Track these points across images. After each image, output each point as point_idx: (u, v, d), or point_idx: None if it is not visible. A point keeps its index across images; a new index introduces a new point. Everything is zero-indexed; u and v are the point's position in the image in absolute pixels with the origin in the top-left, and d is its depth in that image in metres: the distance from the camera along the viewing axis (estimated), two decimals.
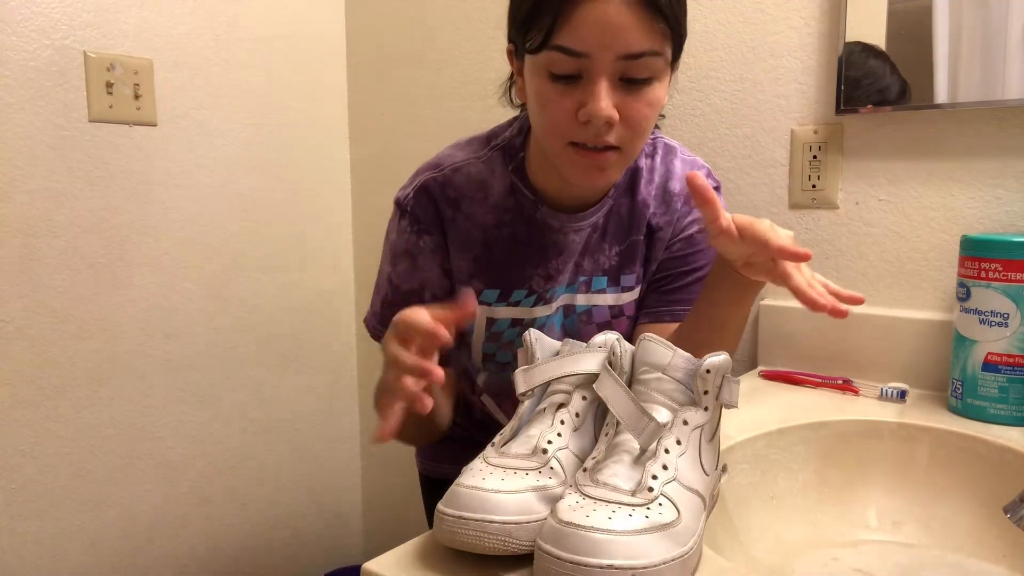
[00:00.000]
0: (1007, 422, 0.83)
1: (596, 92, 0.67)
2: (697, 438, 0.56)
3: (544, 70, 0.69)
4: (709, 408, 0.57)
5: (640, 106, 0.69)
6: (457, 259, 0.84)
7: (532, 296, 0.84)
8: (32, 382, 1.19)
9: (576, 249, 0.84)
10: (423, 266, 0.84)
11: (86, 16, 1.21)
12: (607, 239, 0.85)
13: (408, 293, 0.84)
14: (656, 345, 0.58)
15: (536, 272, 0.83)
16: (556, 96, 0.69)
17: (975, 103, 0.94)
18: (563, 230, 0.82)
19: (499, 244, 0.83)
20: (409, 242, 0.83)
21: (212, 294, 1.42)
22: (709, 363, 0.56)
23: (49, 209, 1.19)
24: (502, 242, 0.83)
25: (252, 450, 1.52)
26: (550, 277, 0.84)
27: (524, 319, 0.85)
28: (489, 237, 0.83)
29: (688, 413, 0.56)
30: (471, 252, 0.83)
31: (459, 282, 0.84)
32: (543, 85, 0.69)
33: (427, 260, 0.83)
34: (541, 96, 0.70)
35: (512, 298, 0.84)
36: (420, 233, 0.82)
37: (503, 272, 0.83)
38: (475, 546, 0.51)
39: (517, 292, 0.84)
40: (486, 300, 0.84)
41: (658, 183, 0.86)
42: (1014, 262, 0.82)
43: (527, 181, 0.82)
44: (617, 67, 0.67)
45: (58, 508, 1.24)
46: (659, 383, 0.57)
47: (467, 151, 0.84)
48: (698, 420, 0.56)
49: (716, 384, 0.57)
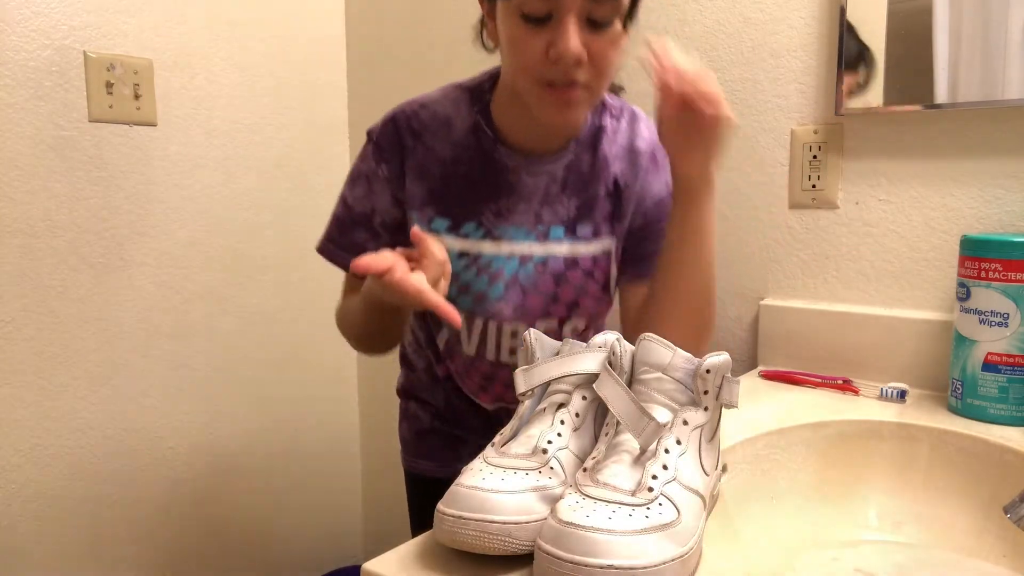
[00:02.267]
0: (1007, 422, 0.83)
1: (565, 31, 0.71)
2: (697, 438, 0.56)
3: (516, 12, 0.73)
4: (709, 408, 0.57)
5: (605, 45, 0.74)
6: (412, 187, 0.88)
7: (481, 230, 0.87)
8: (32, 382, 1.19)
9: (529, 194, 0.87)
10: (377, 192, 0.89)
11: (86, 16, 1.21)
12: (566, 191, 0.88)
13: (360, 216, 0.90)
14: (656, 345, 0.58)
15: (487, 207, 0.87)
16: (527, 36, 0.73)
17: (975, 103, 0.94)
18: (518, 171, 0.87)
19: (455, 178, 0.87)
20: (369, 168, 0.89)
21: (212, 294, 1.42)
22: (709, 363, 0.56)
23: (49, 209, 1.19)
24: (458, 177, 0.87)
25: (252, 450, 1.52)
26: (500, 215, 0.87)
27: (471, 252, 0.87)
28: (447, 171, 0.87)
29: (688, 413, 0.56)
30: (427, 183, 0.87)
31: (412, 208, 0.88)
32: (515, 26, 0.74)
33: (381, 187, 0.88)
34: (513, 37, 0.75)
35: (462, 230, 0.87)
36: (380, 161, 0.88)
37: (455, 203, 0.87)
38: (475, 546, 0.51)
39: (467, 224, 0.87)
40: (436, 228, 0.87)
41: (622, 143, 0.89)
42: (1014, 262, 0.82)
43: (490, 121, 0.87)
44: (584, 8, 0.71)
45: (58, 508, 1.24)
46: (659, 383, 0.57)
47: (438, 93, 0.90)
48: (698, 420, 0.56)
49: (716, 384, 0.57)
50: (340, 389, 1.69)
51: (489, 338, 0.90)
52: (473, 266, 0.87)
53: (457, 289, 0.87)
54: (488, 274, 0.87)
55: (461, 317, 0.83)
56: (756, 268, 1.14)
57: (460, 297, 0.88)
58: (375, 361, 1.68)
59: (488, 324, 0.89)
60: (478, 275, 0.87)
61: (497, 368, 0.92)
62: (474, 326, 0.89)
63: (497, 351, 0.91)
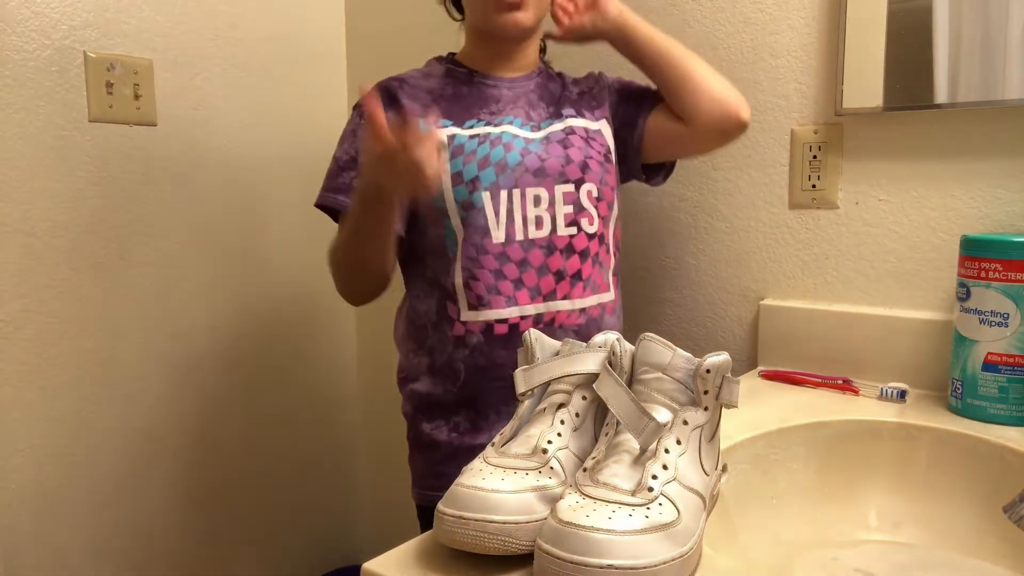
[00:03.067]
0: (1007, 422, 0.83)
1: None
2: (697, 438, 0.56)
3: None
4: (709, 408, 0.57)
5: None
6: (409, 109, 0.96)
7: (483, 122, 0.98)
8: (32, 382, 1.19)
9: (514, 101, 1.01)
10: (361, 138, 0.95)
11: (86, 16, 1.21)
12: (543, 101, 1.03)
13: (349, 161, 0.98)
14: (656, 345, 0.58)
15: (482, 111, 0.99)
16: None
17: (975, 103, 0.94)
18: (498, 87, 1.01)
19: (445, 99, 1.00)
20: (354, 123, 1.00)
21: (212, 294, 1.42)
22: (709, 363, 0.56)
23: (49, 209, 1.19)
24: (447, 97, 1.00)
25: (252, 450, 1.52)
26: (494, 114, 0.99)
27: (480, 134, 0.96)
28: (435, 97, 1.00)
29: (688, 413, 0.56)
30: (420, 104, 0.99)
31: None
32: None
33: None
34: None
35: (465, 125, 0.97)
36: (364, 116, 0.92)
37: (452, 113, 0.98)
38: (475, 546, 0.51)
39: (468, 121, 0.98)
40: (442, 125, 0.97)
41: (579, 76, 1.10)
42: (1014, 262, 0.82)
43: (459, 64, 1.04)
44: None
45: (58, 508, 1.24)
46: (659, 383, 0.57)
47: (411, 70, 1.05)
48: (698, 420, 0.56)
49: (716, 384, 0.57)
50: (340, 389, 1.69)
51: (516, 211, 0.95)
52: (486, 141, 0.95)
53: (478, 164, 0.94)
54: (502, 144, 0.96)
55: (486, 197, 0.93)
56: (756, 268, 1.14)
57: (482, 172, 0.94)
58: (375, 360, 1.68)
59: (512, 195, 0.94)
60: (492, 146, 0.95)
61: (529, 249, 0.95)
62: (500, 201, 0.94)
63: (524, 226, 0.95)
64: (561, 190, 0.96)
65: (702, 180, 1.19)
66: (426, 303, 0.99)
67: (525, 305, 0.95)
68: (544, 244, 0.96)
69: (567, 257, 0.96)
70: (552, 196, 0.96)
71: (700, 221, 1.19)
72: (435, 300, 0.98)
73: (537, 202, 0.95)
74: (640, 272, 1.27)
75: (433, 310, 0.98)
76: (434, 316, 0.98)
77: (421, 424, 1.02)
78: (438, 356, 0.98)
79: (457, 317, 0.96)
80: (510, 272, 0.95)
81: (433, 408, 1.00)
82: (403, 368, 1.05)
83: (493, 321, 0.95)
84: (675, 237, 1.22)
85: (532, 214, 0.95)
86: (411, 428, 1.04)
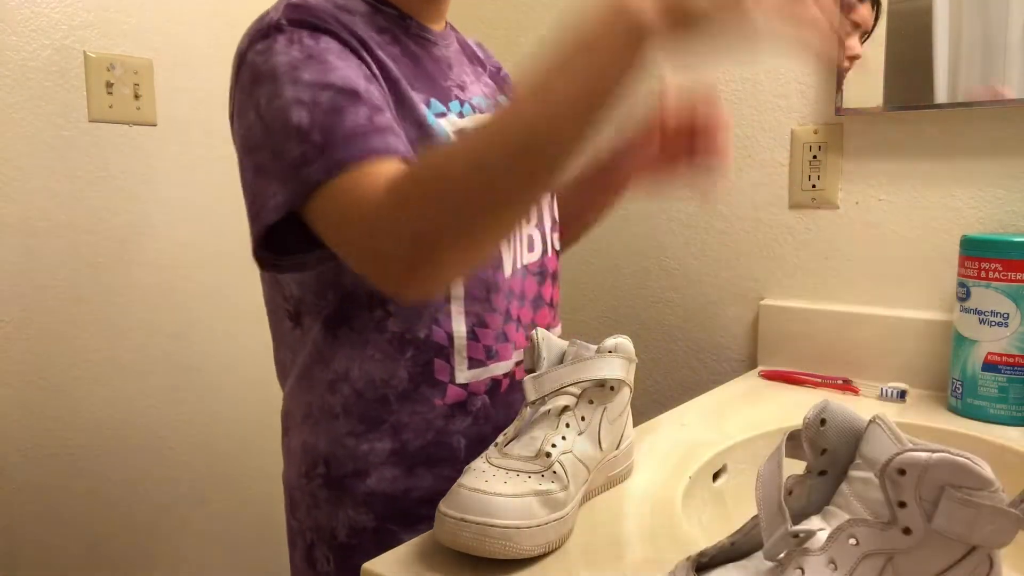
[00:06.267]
0: (1007, 422, 0.84)
1: None
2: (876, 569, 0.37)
3: None
4: (914, 531, 0.36)
5: None
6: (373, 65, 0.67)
7: (466, 105, 0.74)
8: (32, 382, 1.19)
9: (461, 66, 0.79)
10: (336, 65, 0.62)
11: (86, 16, 1.21)
12: (475, 66, 0.83)
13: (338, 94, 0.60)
14: (882, 433, 0.40)
15: (449, 83, 0.74)
16: None
17: (975, 103, 0.94)
18: (438, 43, 0.76)
19: (399, 60, 0.70)
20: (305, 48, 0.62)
21: (212, 294, 1.42)
22: (905, 459, 0.37)
23: (49, 209, 1.19)
24: (399, 57, 0.70)
25: (253, 450, 1.52)
26: (463, 88, 0.76)
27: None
28: (386, 53, 0.69)
29: (861, 529, 0.38)
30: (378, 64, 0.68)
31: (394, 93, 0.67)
32: None
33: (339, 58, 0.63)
34: None
35: (451, 110, 0.72)
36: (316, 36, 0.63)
37: (424, 85, 0.71)
38: (475, 548, 0.51)
39: (452, 104, 0.72)
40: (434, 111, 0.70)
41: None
42: (1014, 262, 0.83)
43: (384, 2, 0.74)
44: None
45: (58, 508, 1.24)
46: (866, 488, 0.39)
47: None
48: (879, 544, 0.37)
49: (921, 494, 0.36)
50: None
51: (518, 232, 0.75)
52: None
53: None
54: None
55: None
56: (756, 268, 1.14)
57: None
58: None
59: None
60: None
61: (525, 278, 0.76)
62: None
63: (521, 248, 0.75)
64: (544, 200, 0.78)
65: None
66: (386, 367, 0.69)
67: (522, 348, 0.75)
68: (536, 270, 0.77)
69: (552, 282, 0.80)
70: (540, 208, 0.78)
71: (700, 221, 1.19)
72: (405, 362, 0.69)
73: (530, 218, 0.76)
74: (640, 272, 1.27)
75: (402, 375, 0.69)
76: (404, 384, 0.69)
77: (399, 537, 0.69)
78: (414, 436, 0.70)
79: (450, 380, 0.70)
80: (513, 310, 0.74)
81: (415, 508, 0.71)
82: (330, 460, 0.72)
83: (501, 377, 0.73)
84: (675, 237, 1.22)
85: (526, 232, 0.75)
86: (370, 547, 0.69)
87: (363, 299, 0.69)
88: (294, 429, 0.77)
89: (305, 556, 0.75)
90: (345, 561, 0.71)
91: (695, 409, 0.91)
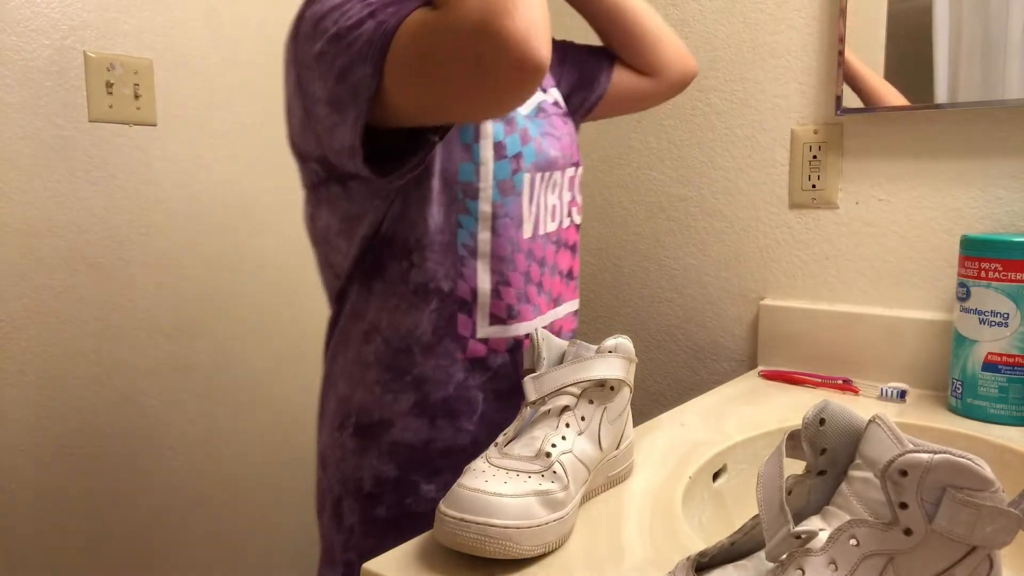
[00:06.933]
0: (1007, 422, 0.84)
1: None
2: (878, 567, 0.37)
3: None
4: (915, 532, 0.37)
5: None
6: None
7: None
8: (32, 382, 1.19)
9: None
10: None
11: (86, 16, 1.21)
12: None
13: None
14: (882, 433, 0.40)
15: None
16: None
17: (975, 103, 0.94)
18: None
19: None
20: None
21: (212, 294, 1.42)
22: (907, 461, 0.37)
23: (49, 209, 1.19)
24: None
25: (252, 450, 1.52)
26: None
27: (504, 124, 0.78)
28: None
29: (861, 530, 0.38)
30: None
31: None
32: None
33: None
34: None
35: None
36: None
37: None
38: (475, 549, 0.51)
39: None
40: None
41: None
42: (1014, 262, 0.83)
43: None
44: None
45: (58, 508, 1.24)
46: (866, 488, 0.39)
47: None
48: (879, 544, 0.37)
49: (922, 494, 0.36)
50: None
51: (541, 198, 0.79)
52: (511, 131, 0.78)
53: (520, 137, 0.77)
54: (526, 115, 0.80)
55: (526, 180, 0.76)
56: (756, 268, 1.14)
57: (525, 147, 0.77)
58: None
59: (537, 178, 0.78)
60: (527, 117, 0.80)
61: (546, 246, 0.80)
62: (534, 187, 0.78)
63: (544, 216, 0.80)
64: (568, 174, 0.83)
65: (702, 180, 1.19)
66: (410, 317, 0.74)
67: (544, 314, 0.81)
68: (555, 239, 0.82)
69: (571, 254, 0.86)
70: (562, 181, 0.83)
71: (700, 221, 1.19)
72: (430, 312, 0.74)
73: (554, 188, 0.81)
74: (640, 272, 1.27)
75: (426, 327, 0.74)
76: (428, 335, 0.74)
77: (419, 488, 0.75)
78: (436, 388, 0.75)
79: (471, 335, 0.75)
80: (534, 274, 0.79)
81: (435, 459, 0.75)
82: (361, 409, 0.77)
83: (523, 337, 0.77)
84: (675, 237, 1.22)
85: (550, 202, 0.81)
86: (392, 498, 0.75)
87: (395, 248, 0.74)
88: (331, 390, 0.82)
89: (333, 513, 0.80)
90: (368, 512, 0.76)
91: (695, 409, 0.91)
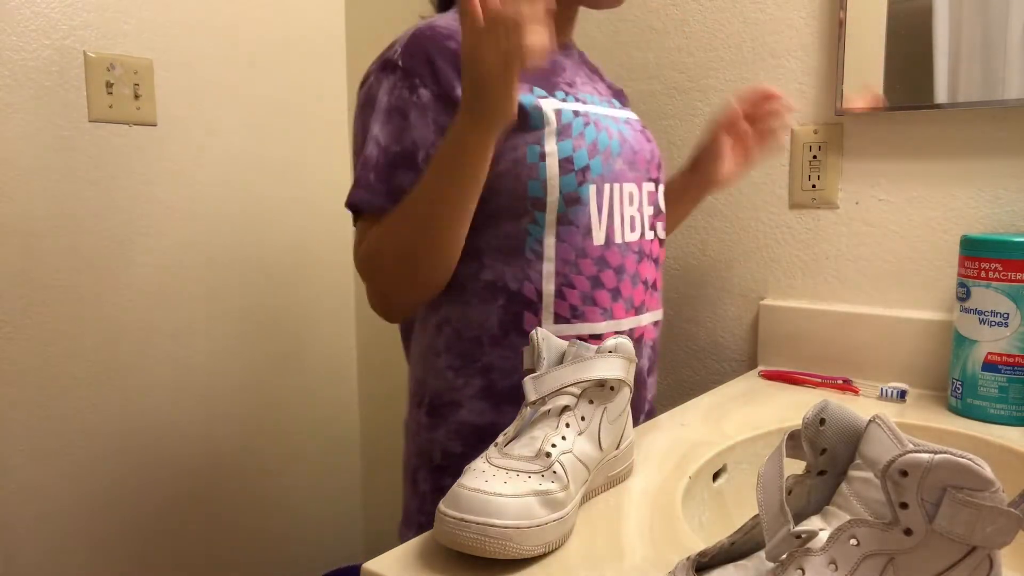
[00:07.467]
0: (1007, 422, 0.84)
1: None
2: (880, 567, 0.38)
3: None
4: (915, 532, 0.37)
5: None
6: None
7: (571, 97, 0.85)
8: (32, 382, 1.19)
9: (576, 69, 0.91)
10: (415, 124, 0.79)
11: (86, 16, 1.21)
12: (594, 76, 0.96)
13: (399, 156, 0.78)
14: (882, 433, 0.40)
15: (558, 80, 0.86)
16: None
17: (975, 103, 0.94)
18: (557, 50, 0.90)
19: None
20: (400, 98, 0.79)
21: (212, 294, 1.42)
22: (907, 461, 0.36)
23: (49, 209, 1.19)
24: None
25: (252, 450, 1.52)
26: (572, 85, 0.87)
27: (581, 111, 0.83)
28: None
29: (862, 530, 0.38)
30: None
31: None
32: None
33: (420, 117, 0.79)
34: None
35: (556, 95, 0.83)
36: (413, 88, 0.79)
37: (531, 79, 0.83)
38: (475, 549, 0.51)
39: (556, 92, 0.84)
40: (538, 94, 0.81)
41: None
42: (1014, 262, 0.83)
43: None
44: None
45: (58, 508, 1.24)
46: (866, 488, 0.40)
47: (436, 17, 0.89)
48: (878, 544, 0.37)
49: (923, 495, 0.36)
50: (340, 389, 1.69)
51: (616, 208, 0.84)
52: (590, 123, 0.83)
53: (588, 151, 0.81)
54: (604, 130, 0.84)
55: (592, 191, 0.81)
56: (756, 268, 1.14)
57: (592, 161, 0.81)
58: (375, 360, 1.68)
59: (612, 190, 0.83)
60: (598, 130, 0.83)
61: (625, 254, 0.85)
62: (603, 196, 0.82)
63: (622, 227, 0.84)
64: (646, 188, 0.88)
65: None
66: (482, 311, 0.82)
67: (620, 319, 0.84)
68: (636, 249, 0.86)
69: (654, 265, 0.89)
70: (640, 194, 0.87)
71: (700, 221, 1.19)
72: (499, 308, 0.81)
73: (631, 200, 0.85)
74: None
75: (494, 320, 0.82)
76: (495, 328, 0.82)
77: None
78: (502, 376, 0.82)
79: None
80: (608, 280, 0.83)
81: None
82: (434, 391, 0.85)
83: (587, 337, 0.82)
84: (676, 237, 1.22)
85: (627, 213, 0.85)
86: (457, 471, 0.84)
87: (467, 250, 0.81)
88: (411, 372, 0.90)
89: (411, 479, 0.89)
90: (438, 482, 0.85)
91: (695, 409, 0.91)
